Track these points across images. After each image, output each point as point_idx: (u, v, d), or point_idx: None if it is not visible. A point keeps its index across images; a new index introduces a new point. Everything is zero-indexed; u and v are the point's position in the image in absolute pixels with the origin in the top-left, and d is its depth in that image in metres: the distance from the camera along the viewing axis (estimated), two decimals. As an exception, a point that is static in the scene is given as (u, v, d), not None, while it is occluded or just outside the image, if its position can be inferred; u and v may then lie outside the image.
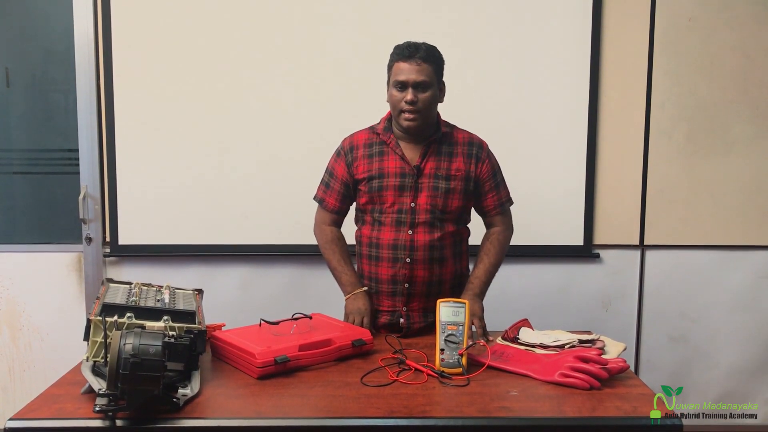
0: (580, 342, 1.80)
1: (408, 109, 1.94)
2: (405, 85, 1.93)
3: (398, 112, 1.97)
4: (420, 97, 1.93)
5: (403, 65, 1.93)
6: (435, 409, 1.47)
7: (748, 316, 3.06)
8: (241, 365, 1.68)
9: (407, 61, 1.93)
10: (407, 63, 1.93)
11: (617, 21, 2.90)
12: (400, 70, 1.94)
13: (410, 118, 1.96)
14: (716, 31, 2.91)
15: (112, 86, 2.87)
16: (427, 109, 1.97)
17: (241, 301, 2.95)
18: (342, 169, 2.10)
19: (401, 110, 1.96)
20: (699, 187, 2.98)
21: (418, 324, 2.07)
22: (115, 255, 2.96)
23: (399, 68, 1.94)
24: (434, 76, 1.96)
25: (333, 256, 2.13)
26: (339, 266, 2.11)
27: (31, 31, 3.10)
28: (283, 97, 2.89)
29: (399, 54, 1.95)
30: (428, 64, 1.94)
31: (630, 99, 2.94)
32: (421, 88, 1.93)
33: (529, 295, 2.99)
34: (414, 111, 1.94)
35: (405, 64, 1.93)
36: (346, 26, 2.87)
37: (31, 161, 3.21)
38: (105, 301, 1.61)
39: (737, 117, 2.95)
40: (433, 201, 2.01)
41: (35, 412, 1.42)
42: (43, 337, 3.01)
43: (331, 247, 2.14)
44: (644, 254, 3.02)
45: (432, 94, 1.96)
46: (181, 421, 1.40)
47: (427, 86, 1.94)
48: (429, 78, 1.94)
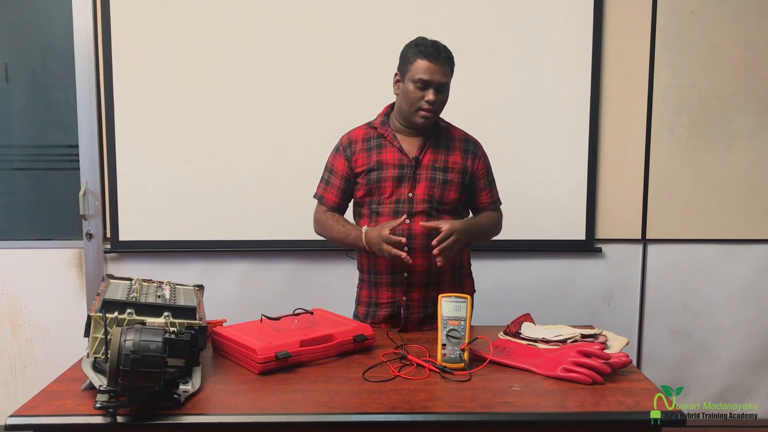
0: (583, 337, 1.80)
1: (427, 108, 1.96)
2: (428, 85, 1.94)
3: (415, 109, 1.98)
4: (439, 98, 1.96)
5: (428, 64, 1.92)
6: (437, 405, 1.47)
7: (750, 310, 3.05)
8: (242, 361, 1.68)
9: (433, 62, 1.92)
10: (432, 63, 1.92)
11: (619, 13, 2.88)
12: (425, 69, 1.93)
13: (427, 117, 1.98)
14: (718, 24, 2.90)
15: (111, 82, 2.86)
16: (440, 110, 2.02)
17: (242, 297, 2.95)
18: (342, 165, 2.11)
19: (419, 108, 1.97)
20: (701, 180, 2.97)
21: (417, 315, 2.07)
22: (115, 251, 2.96)
23: (423, 66, 1.93)
24: (450, 77, 1.99)
25: (335, 224, 2.10)
26: (343, 228, 2.08)
27: (30, 26, 3.09)
28: (284, 93, 2.88)
29: (423, 52, 1.93)
30: (449, 67, 1.97)
31: (632, 92, 2.93)
32: (441, 89, 1.96)
33: (531, 290, 2.98)
34: (432, 111, 1.97)
35: (430, 63, 1.92)
36: (349, 24, 2.85)
37: (31, 157, 3.20)
38: (105, 297, 1.60)
39: (739, 110, 2.94)
40: (430, 191, 2.03)
41: (36, 408, 1.42)
42: (44, 333, 3.02)
43: (333, 217, 2.12)
44: (646, 248, 3.02)
45: (447, 96, 2.00)
46: (182, 417, 1.39)
47: (446, 88, 1.98)
48: (448, 80, 1.97)
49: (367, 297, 2.14)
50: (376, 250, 1.97)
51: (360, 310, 2.16)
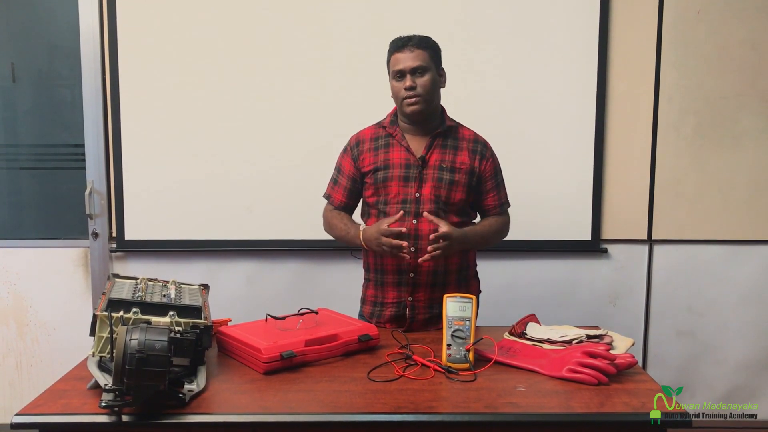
0: (588, 337, 1.79)
1: (408, 95, 1.97)
2: (403, 74, 1.97)
3: (401, 102, 2.00)
4: (418, 81, 1.97)
5: (398, 55, 1.98)
6: (442, 405, 1.47)
7: (756, 311, 3.04)
8: (247, 360, 1.68)
9: (400, 50, 1.98)
10: (400, 52, 1.98)
11: (625, 13, 2.87)
12: (397, 61, 1.98)
13: (412, 103, 1.98)
14: (725, 24, 2.88)
15: (117, 81, 2.87)
16: (427, 93, 1.99)
17: (247, 296, 2.95)
18: (349, 164, 2.11)
19: (403, 98, 1.98)
20: (707, 181, 2.96)
21: (423, 315, 2.07)
22: (121, 250, 2.96)
23: (395, 59, 1.99)
24: (430, 61, 1.99)
25: (339, 222, 2.12)
26: (344, 226, 2.10)
27: (36, 26, 3.10)
28: (289, 92, 2.88)
29: (393, 46, 2.01)
30: (422, 50, 1.98)
31: (638, 92, 2.92)
32: (418, 72, 1.97)
33: (536, 290, 2.98)
34: (414, 95, 1.97)
35: (399, 53, 1.98)
36: (355, 25, 2.85)
37: (38, 157, 3.21)
38: (111, 296, 1.61)
39: (746, 110, 2.93)
40: (437, 192, 2.02)
41: (41, 407, 1.43)
42: (49, 332, 3.02)
43: (337, 216, 2.14)
44: (652, 249, 3.01)
45: (431, 78, 1.99)
46: (187, 416, 1.40)
47: (425, 70, 1.98)
48: (425, 62, 1.97)
49: (373, 296, 2.14)
50: (374, 246, 1.97)
51: (365, 309, 2.16)
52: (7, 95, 3.14)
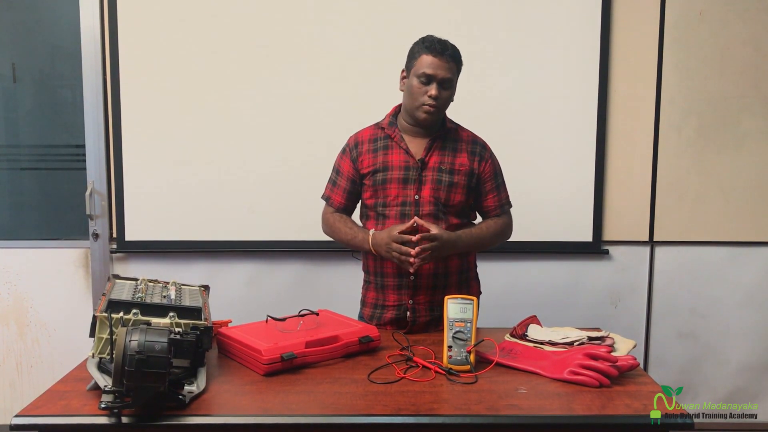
0: (590, 339, 1.79)
1: (429, 104, 1.95)
2: (431, 79, 1.94)
3: (418, 104, 1.97)
4: (442, 94, 1.95)
5: (433, 59, 1.93)
6: (443, 407, 1.46)
7: (758, 313, 3.03)
8: (247, 362, 1.68)
9: (438, 57, 1.92)
10: (437, 58, 1.92)
11: (627, 14, 2.87)
12: (429, 64, 1.93)
13: (429, 112, 1.97)
14: (727, 25, 2.88)
15: (118, 82, 2.87)
16: (444, 106, 2.01)
17: (247, 298, 2.95)
18: (347, 166, 2.10)
19: (422, 103, 1.96)
20: (709, 182, 2.95)
21: (424, 318, 2.06)
22: (121, 251, 2.96)
23: (427, 61, 1.93)
24: (456, 75, 1.98)
25: (343, 226, 2.10)
26: (350, 230, 2.08)
27: (37, 26, 3.10)
28: (290, 93, 2.88)
29: (429, 48, 1.94)
30: (455, 63, 1.96)
31: (639, 93, 2.91)
32: (445, 85, 1.95)
33: (537, 292, 2.97)
34: (434, 106, 1.96)
35: (435, 58, 1.93)
36: (356, 26, 2.85)
37: (38, 157, 3.21)
38: (111, 297, 1.60)
39: (748, 111, 2.92)
40: (436, 194, 2.01)
41: (41, 408, 1.42)
42: (50, 333, 3.02)
43: (340, 219, 2.12)
44: (653, 250, 3.00)
45: (451, 93, 1.99)
46: (187, 418, 1.39)
47: (450, 84, 1.97)
48: (453, 77, 1.97)
49: (373, 299, 2.13)
50: (383, 252, 1.96)
51: (365, 311, 2.16)
52: (8, 96, 3.14)
